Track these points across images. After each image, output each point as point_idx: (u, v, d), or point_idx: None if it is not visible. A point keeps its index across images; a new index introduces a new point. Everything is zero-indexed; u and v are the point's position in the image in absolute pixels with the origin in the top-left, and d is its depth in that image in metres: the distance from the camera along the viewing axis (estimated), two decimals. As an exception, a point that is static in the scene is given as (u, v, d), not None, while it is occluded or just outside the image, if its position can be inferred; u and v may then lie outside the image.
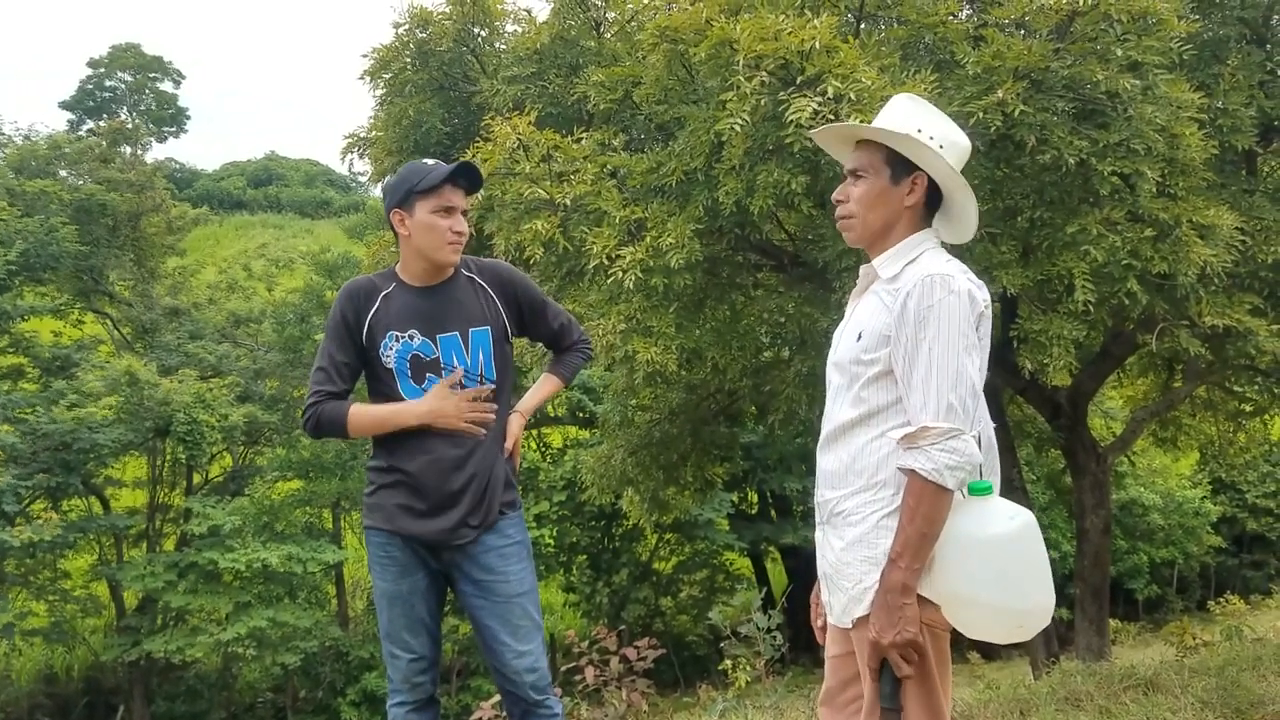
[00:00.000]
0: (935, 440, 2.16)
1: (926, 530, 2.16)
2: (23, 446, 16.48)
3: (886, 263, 2.38)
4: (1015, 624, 2.25)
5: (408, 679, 3.02)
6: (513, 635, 2.99)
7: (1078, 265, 6.22)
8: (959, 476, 2.18)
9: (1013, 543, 2.21)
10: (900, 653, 2.16)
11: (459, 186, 2.98)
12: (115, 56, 42.62)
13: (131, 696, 18.63)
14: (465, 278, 3.07)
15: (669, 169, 6.76)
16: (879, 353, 2.29)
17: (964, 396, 2.20)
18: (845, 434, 2.36)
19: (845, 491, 2.34)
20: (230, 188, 55.45)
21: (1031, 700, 5.24)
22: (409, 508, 2.95)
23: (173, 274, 23.05)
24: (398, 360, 2.96)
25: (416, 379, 2.96)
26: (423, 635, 3.02)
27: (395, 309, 2.99)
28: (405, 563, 2.99)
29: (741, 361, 9.25)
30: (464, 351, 2.98)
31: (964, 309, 2.24)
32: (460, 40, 8.93)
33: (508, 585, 3.00)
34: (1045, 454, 16.00)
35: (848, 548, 2.32)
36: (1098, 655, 8.88)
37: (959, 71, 6.25)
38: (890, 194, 2.38)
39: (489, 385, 3.00)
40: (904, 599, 2.15)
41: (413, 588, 2.99)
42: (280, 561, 17.21)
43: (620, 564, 21.66)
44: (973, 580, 2.20)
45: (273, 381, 20.56)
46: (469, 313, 3.01)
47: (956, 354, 2.21)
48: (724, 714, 5.94)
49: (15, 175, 20.02)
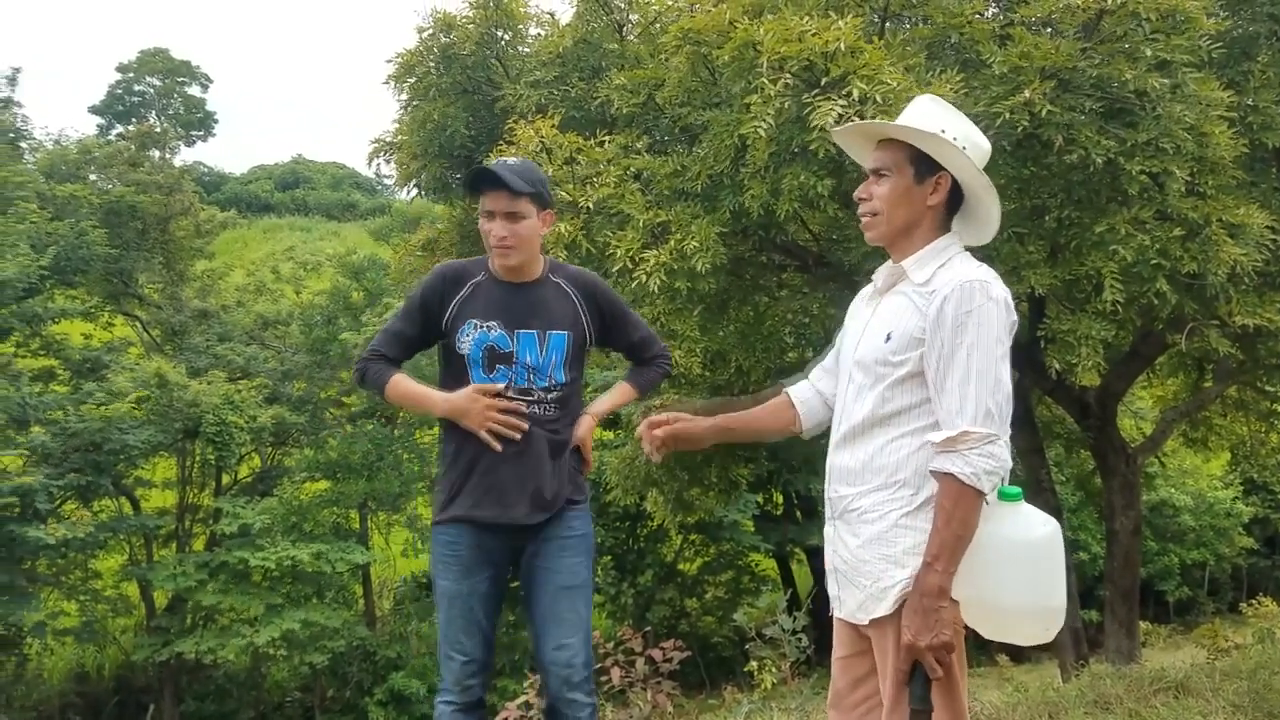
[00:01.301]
0: (974, 445, 2.17)
1: (962, 533, 2.17)
2: (54, 446, 16.67)
3: (916, 266, 2.37)
4: (1043, 626, 2.27)
5: (459, 681, 3.03)
6: (555, 626, 3.01)
7: (1106, 265, 6.17)
8: (994, 481, 2.19)
9: (1044, 548, 2.23)
10: (935, 655, 2.16)
11: (492, 190, 3.01)
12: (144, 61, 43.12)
13: (161, 696, 18.80)
14: (553, 281, 3.12)
15: (693, 173, 6.75)
16: (909, 354, 2.29)
17: (1001, 403, 2.21)
18: (865, 432, 2.36)
19: (862, 489, 2.35)
20: (258, 191, 55.89)
21: (1060, 703, 5.20)
22: (480, 498, 3.00)
23: (201, 277, 23.24)
24: (473, 348, 3.00)
25: (488, 369, 3.00)
26: (478, 638, 3.03)
27: (482, 298, 3.05)
28: (469, 563, 3.01)
29: (766, 363, 9.24)
30: (539, 350, 3.02)
31: (1002, 316, 2.25)
32: (483, 44, 8.96)
33: (560, 576, 3.03)
34: (1074, 455, 15.89)
35: (864, 545, 2.33)
36: (1128, 658, 8.80)
37: (985, 71, 6.22)
38: (914, 193, 2.38)
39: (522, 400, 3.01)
40: (940, 601, 2.16)
41: (473, 589, 3.01)
42: (310, 560, 17.35)
43: (645, 565, 21.66)
44: (1006, 584, 2.21)
45: (300, 383, 20.70)
46: (551, 314, 3.06)
47: (995, 360, 2.22)
48: (749, 716, 5.94)
49: (46, 179, 20.24)
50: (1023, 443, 10.00)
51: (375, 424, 20.73)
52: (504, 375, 2.99)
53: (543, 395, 3.03)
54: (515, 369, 2.99)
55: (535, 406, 3.02)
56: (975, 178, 2.37)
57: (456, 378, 3.03)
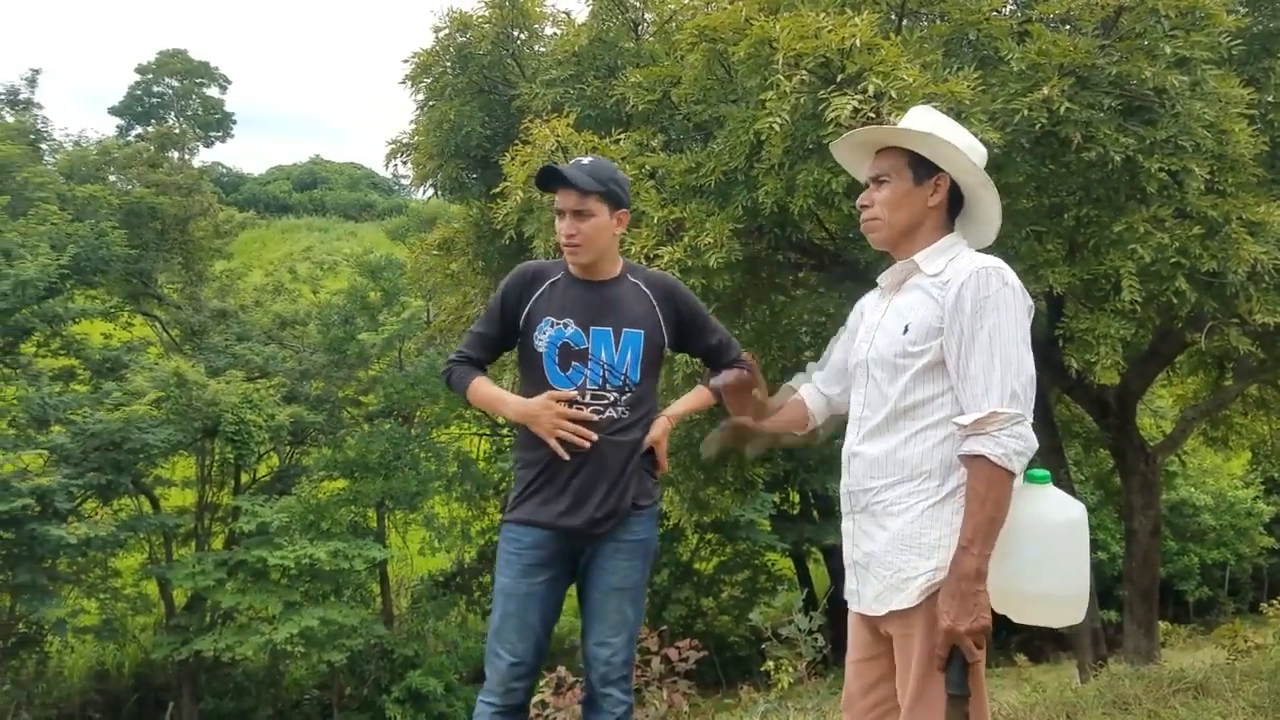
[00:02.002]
0: (1003, 426, 2.18)
1: (995, 515, 2.17)
2: (73, 446, 16.79)
3: (927, 260, 2.41)
4: (1073, 607, 2.29)
5: (504, 682, 3.02)
6: (600, 624, 3.05)
7: (1125, 263, 6.14)
8: (1024, 461, 2.21)
9: (1073, 530, 2.26)
10: (974, 639, 2.16)
11: (560, 188, 3.06)
12: (163, 62, 43.36)
13: (180, 694, 18.93)
14: (631, 282, 3.13)
15: (708, 169, 6.75)
16: (928, 344, 2.31)
17: (1025, 385, 2.23)
18: (888, 426, 2.37)
19: (887, 481, 2.35)
20: (276, 191, 56.17)
21: (1078, 703, 5.17)
22: (552, 501, 3.01)
23: (220, 277, 23.37)
24: (548, 346, 3.02)
25: (563, 366, 3.01)
26: (529, 641, 3.04)
27: (557, 297, 3.07)
28: (531, 563, 3.03)
29: (782, 362, 9.21)
30: (614, 348, 3.03)
31: (1019, 301, 2.28)
32: (499, 44, 8.97)
33: (612, 578, 3.05)
34: (1093, 454, 15.80)
35: (890, 538, 2.33)
36: (1146, 658, 8.74)
37: (1003, 68, 6.19)
38: (914, 195, 2.42)
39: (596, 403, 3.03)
40: (977, 585, 2.16)
41: (530, 590, 3.02)
42: (328, 558, 17.43)
43: (661, 564, 21.67)
44: (1035, 567, 2.22)
45: (318, 382, 20.79)
46: (627, 313, 3.07)
47: (1016, 343, 2.24)
48: (765, 715, 5.93)
49: (66, 180, 20.39)
50: (1041, 442, 9.93)
51: (393, 423, 20.80)
52: (579, 373, 3.00)
53: (616, 396, 3.03)
54: (590, 366, 3.01)
55: (609, 409, 3.02)
56: (972, 174, 2.40)
57: (533, 375, 3.06)
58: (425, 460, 20.62)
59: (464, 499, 21.44)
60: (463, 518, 21.67)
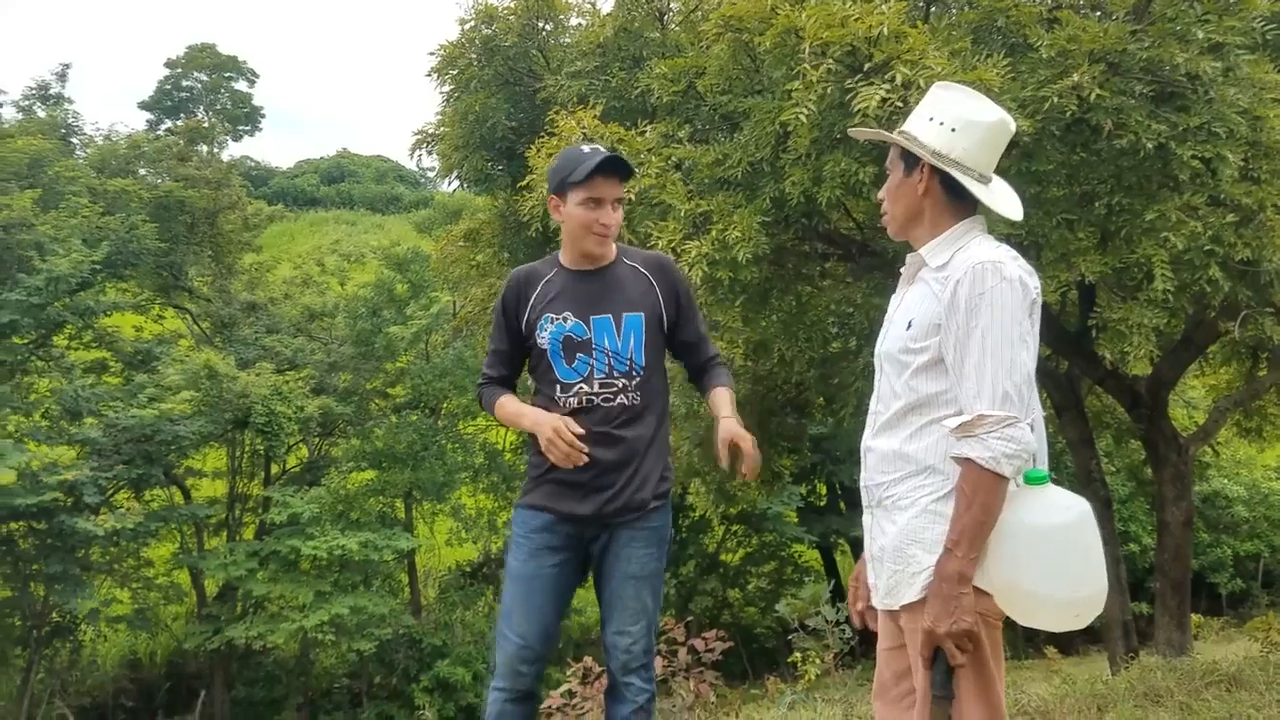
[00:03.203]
0: (992, 428, 2.16)
1: (983, 519, 2.16)
2: (104, 440, 16.98)
3: (934, 251, 2.40)
4: (1072, 613, 2.25)
5: (510, 664, 3.02)
6: (619, 613, 3.04)
7: (1157, 252, 6.07)
8: (1015, 464, 2.18)
9: (1071, 532, 2.21)
10: (955, 642, 2.15)
11: (611, 176, 3.01)
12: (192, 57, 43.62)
13: (212, 682, 19.14)
14: (627, 265, 3.11)
15: (734, 161, 6.72)
16: (929, 341, 2.30)
17: (1019, 384, 2.20)
18: (895, 421, 2.38)
19: (895, 476, 2.36)
20: (304, 185, 56.51)
21: (1110, 696, 5.13)
22: (564, 487, 3.01)
23: (249, 270, 23.54)
24: (551, 341, 3.01)
25: (568, 359, 3.00)
26: (536, 624, 3.03)
27: (554, 292, 3.06)
28: (539, 546, 3.04)
29: (809, 353, 9.18)
30: (615, 334, 3.01)
31: (1016, 296, 2.23)
32: (525, 35, 8.98)
33: (629, 566, 3.04)
34: (1125, 445, 15.67)
35: (899, 531, 2.33)
36: (1179, 650, 8.66)
37: (1032, 55, 6.12)
38: (905, 185, 2.44)
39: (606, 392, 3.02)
40: (960, 588, 2.15)
41: (538, 572, 3.03)
42: (358, 548, 17.57)
43: (687, 555, 21.68)
44: (1031, 570, 2.19)
45: (346, 375, 20.92)
46: (625, 297, 3.05)
47: (1011, 342, 2.21)
48: (793, 706, 5.92)
49: (97, 174, 20.57)
50: (1073, 433, 9.87)
51: (420, 415, 20.92)
52: (584, 364, 2.99)
53: (625, 383, 3.01)
54: (595, 355, 2.99)
55: (619, 395, 3.00)
56: (949, 165, 2.36)
57: (542, 375, 3.06)
58: (452, 451, 20.72)
59: (490, 490, 21.53)
60: (489, 509, 21.75)
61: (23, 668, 17.78)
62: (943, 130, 2.37)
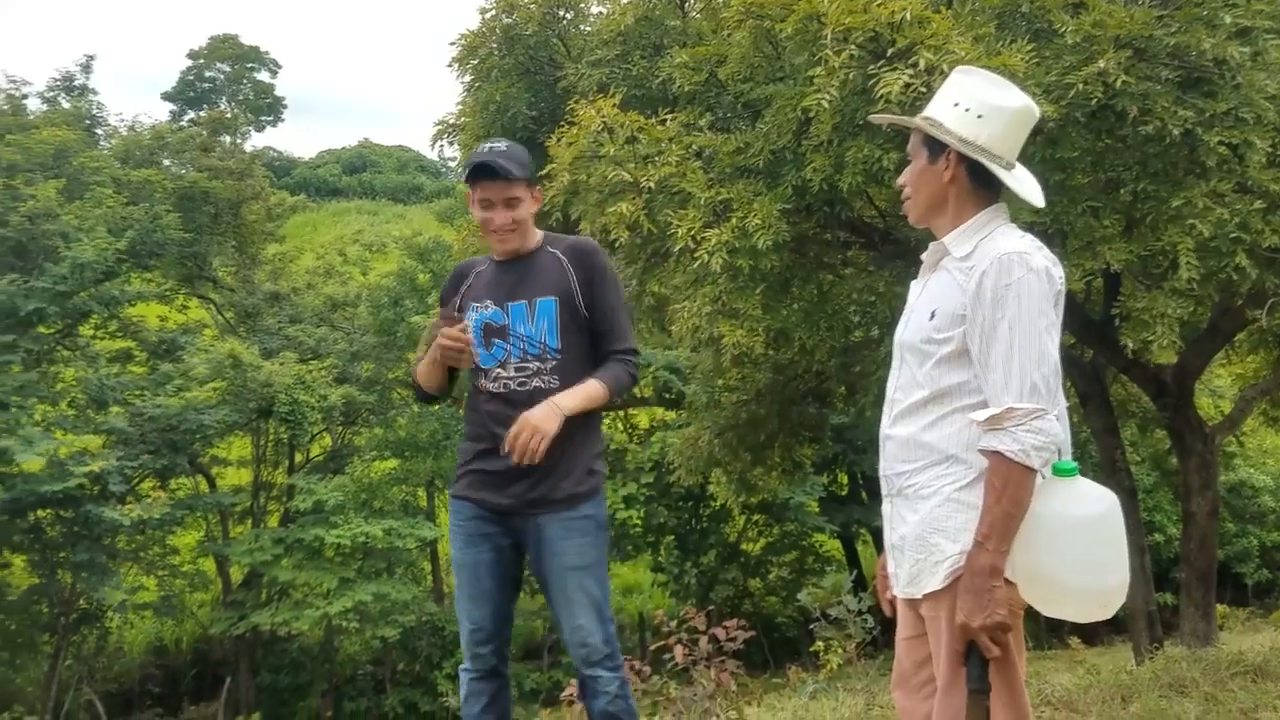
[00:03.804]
0: (1020, 421, 2.15)
1: (1013, 511, 2.15)
2: (130, 429, 17.14)
3: (957, 240, 2.37)
4: (1099, 604, 2.24)
5: (470, 648, 3.13)
6: (568, 607, 3.03)
7: (1183, 240, 6.00)
8: (1044, 456, 2.17)
9: (1100, 524, 2.20)
10: (990, 635, 2.15)
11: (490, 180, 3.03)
12: (214, 48, 43.86)
13: (238, 668, 19.33)
14: (549, 252, 3.15)
15: (755, 148, 6.69)
16: (952, 331, 2.29)
17: (1047, 376, 2.19)
18: (915, 411, 2.36)
19: (915, 465, 2.35)
20: (326, 175, 56.72)
21: (1134, 686, 5.11)
22: (484, 476, 3.07)
23: (273, 260, 23.69)
24: (475, 329, 3.08)
25: (487, 345, 3.08)
26: (485, 608, 3.10)
27: (481, 283, 3.17)
28: (473, 533, 3.09)
29: (830, 342, 9.14)
30: (529, 319, 3.06)
31: (1043, 287, 2.22)
32: (545, 24, 8.96)
33: (566, 558, 3.03)
34: (1150, 434, 15.57)
35: (920, 521, 2.33)
36: (1204, 641, 8.60)
37: (1057, 41, 6.06)
38: (929, 173, 2.41)
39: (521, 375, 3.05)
40: (992, 581, 2.14)
41: (477, 559, 3.09)
42: (382, 536, 17.71)
43: (708, 545, 21.69)
44: (1060, 562, 2.18)
45: (368, 364, 21.04)
46: (540, 283, 3.09)
47: (1038, 333, 2.19)
48: (815, 696, 5.92)
49: (121, 165, 20.72)
50: (1097, 422, 9.79)
51: (442, 404, 21.00)
52: (500, 349, 3.05)
53: (539, 366, 3.03)
54: (511, 341, 3.05)
55: (534, 378, 3.03)
56: (976, 152, 2.33)
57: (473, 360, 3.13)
58: (474, 440, 20.77)
59: (511, 479, 21.57)
60: (510, 497, 21.81)
61: (51, 654, 18.01)
62: (968, 116, 2.34)
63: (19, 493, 15.62)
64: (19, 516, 16.60)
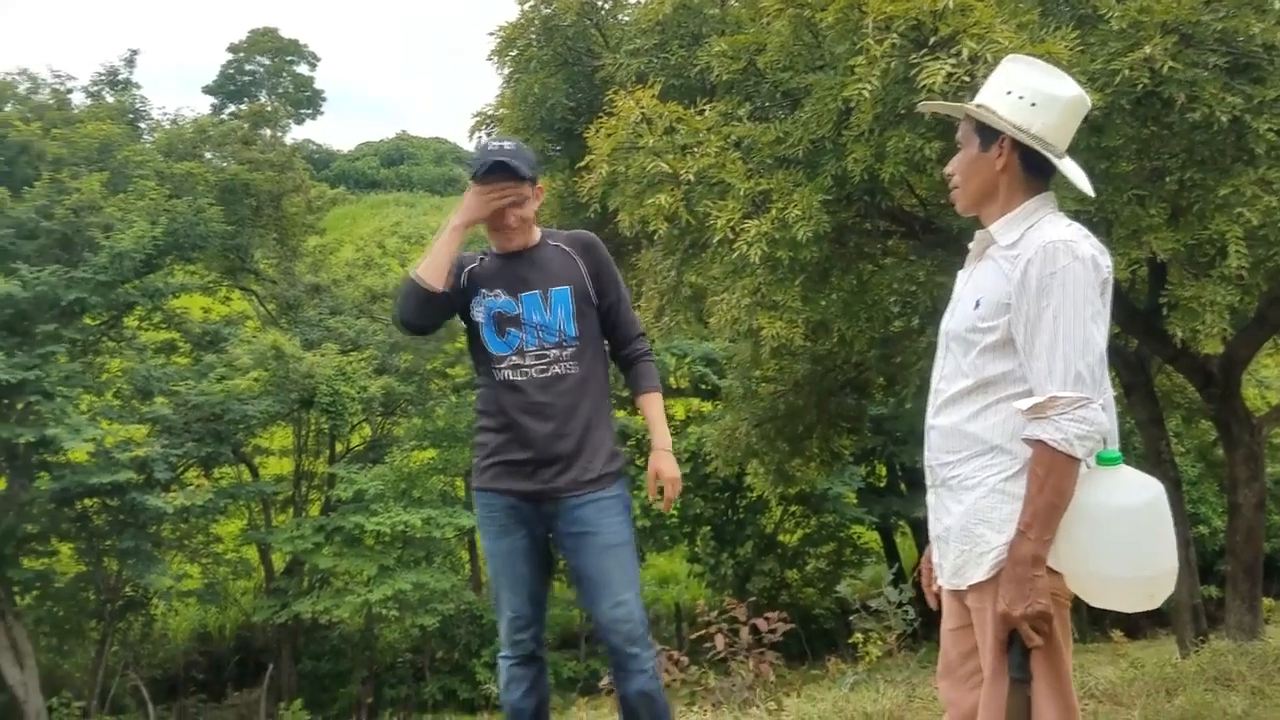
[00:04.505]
0: (1064, 410, 2.14)
1: (1056, 501, 2.14)
2: (175, 418, 17.41)
3: (1004, 228, 2.36)
4: (1146, 593, 2.23)
5: (509, 636, 3.19)
6: (608, 585, 3.09)
7: (1231, 228, 5.90)
8: (1088, 446, 2.16)
9: (1146, 513, 2.19)
10: (1031, 624, 2.15)
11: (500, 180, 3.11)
12: (254, 41, 44.20)
13: (279, 655, 19.60)
14: (552, 245, 3.25)
15: (795, 139, 6.65)
16: (997, 320, 2.27)
17: (1092, 365, 2.17)
18: (960, 400, 2.35)
19: (960, 456, 2.34)
20: (364, 167, 57.13)
21: (1179, 679, 5.06)
22: (511, 466, 3.11)
23: (313, 252, 23.90)
24: (485, 315, 3.16)
25: (499, 333, 3.15)
26: (522, 594, 3.17)
27: (489, 269, 3.23)
28: (504, 523, 3.14)
29: (870, 332, 9.09)
30: (543, 308, 3.14)
31: (1089, 275, 2.21)
32: (584, 14, 8.95)
33: (603, 536, 3.10)
34: (1195, 425, 15.38)
35: (965, 511, 2.32)
36: (1250, 634, 8.48)
37: (1103, 27, 5.97)
38: (981, 161, 2.39)
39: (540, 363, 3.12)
40: (1034, 571, 2.14)
41: (512, 547, 3.15)
42: (421, 525, 17.88)
43: (745, 536, 21.67)
44: (1104, 552, 2.18)
45: (407, 355, 21.19)
46: (551, 273, 3.18)
47: (1083, 321, 2.18)
48: (854, 687, 5.90)
49: (164, 158, 20.98)
50: (1141, 413, 9.67)
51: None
52: (515, 337, 3.12)
53: (558, 353, 3.12)
54: (524, 330, 3.12)
55: (553, 366, 3.11)
56: (1031, 140, 2.31)
57: (478, 350, 3.20)
58: (510, 431, 20.88)
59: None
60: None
61: (97, 640, 18.37)
62: (1021, 104, 2.32)
63: (67, 483, 15.94)
64: (67, 505, 16.94)
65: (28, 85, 22.40)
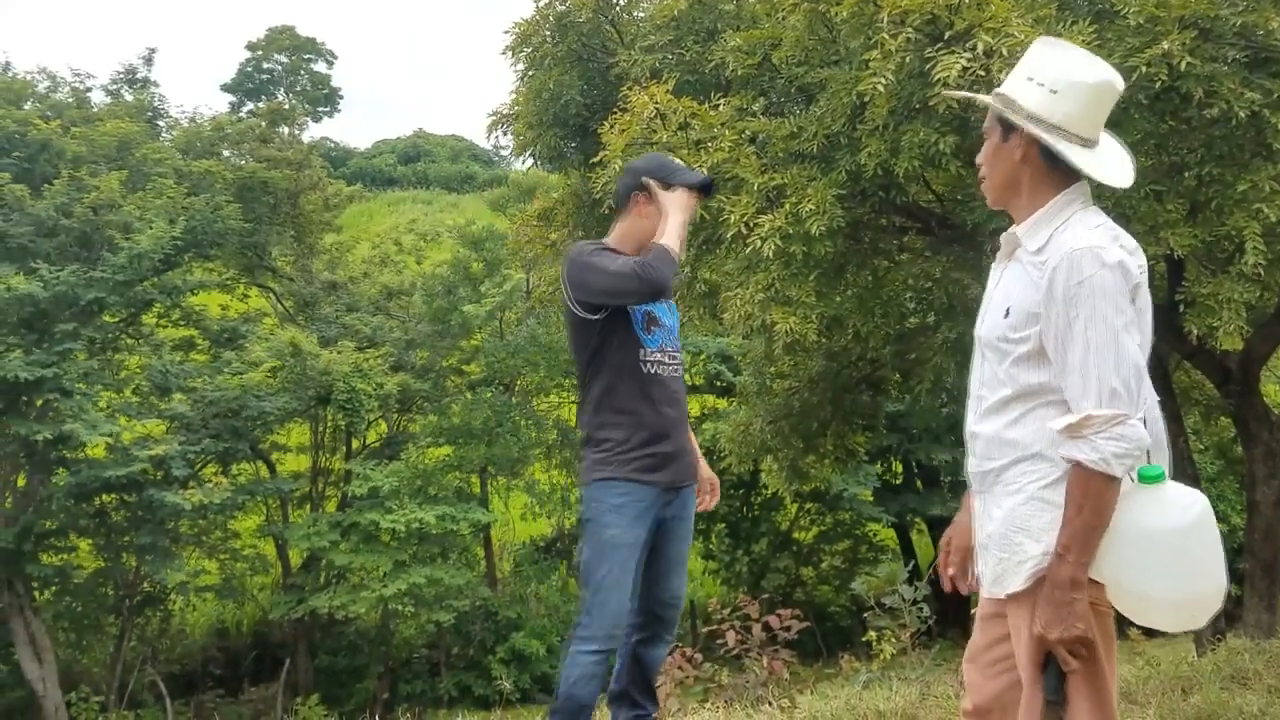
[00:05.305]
0: (1100, 428, 2.06)
1: (1094, 522, 2.08)
2: (192, 415, 17.50)
3: (1030, 231, 2.29)
4: (1189, 615, 2.17)
5: (614, 629, 3.24)
6: (679, 570, 3.45)
7: (1249, 224, 5.86)
8: (1127, 464, 2.08)
9: (1190, 534, 2.11)
10: (1068, 648, 2.09)
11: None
12: (272, 39, 44.46)
13: (296, 650, 19.68)
14: None
15: (809, 133, 6.64)
16: (1028, 330, 2.21)
17: (1127, 378, 2.09)
18: (1000, 408, 2.30)
19: (1004, 462, 2.28)
20: (381, 165, 57.24)
21: (1195, 678, 5.02)
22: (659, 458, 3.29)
23: (330, 249, 23.95)
24: (638, 312, 3.36)
25: (646, 329, 3.37)
26: (637, 588, 3.31)
27: None
28: (641, 513, 3.25)
29: (885, 329, 9.06)
30: (669, 314, 3.47)
31: (1118, 283, 2.13)
32: (599, 10, 8.94)
33: (690, 523, 3.47)
34: (1214, 422, 15.23)
35: (1005, 518, 2.26)
36: (1267, 633, 8.42)
37: (1120, 21, 5.93)
38: (1002, 152, 2.32)
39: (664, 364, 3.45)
40: (1073, 594, 2.07)
41: (639, 539, 3.26)
42: (436, 521, 17.93)
43: (760, 533, 21.64)
44: (1146, 573, 2.10)
45: (423, 352, 21.24)
46: None
47: (1115, 333, 2.10)
48: (868, 685, 5.89)
49: (182, 156, 21.07)
50: (1158, 410, 9.62)
51: (494, 391, 21.18)
52: (657, 336, 3.38)
53: (676, 356, 3.47)
54: (663, 332, 3.40)
55: (675, 367, 3.43)
56: (1049, 130, 2.23)
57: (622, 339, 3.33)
58: (526, 428, 20.94)
59: (563, 466, 21.73)
60: (562, 484, 21.98)
61: (115, 635, 18.49)
62: (1042, 92, 2.24)
63: (84, 477, 16.03)
64: (85, 501, 17.06)
65: (47, 84, 22.52)
